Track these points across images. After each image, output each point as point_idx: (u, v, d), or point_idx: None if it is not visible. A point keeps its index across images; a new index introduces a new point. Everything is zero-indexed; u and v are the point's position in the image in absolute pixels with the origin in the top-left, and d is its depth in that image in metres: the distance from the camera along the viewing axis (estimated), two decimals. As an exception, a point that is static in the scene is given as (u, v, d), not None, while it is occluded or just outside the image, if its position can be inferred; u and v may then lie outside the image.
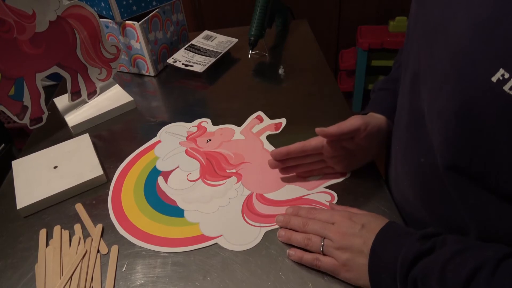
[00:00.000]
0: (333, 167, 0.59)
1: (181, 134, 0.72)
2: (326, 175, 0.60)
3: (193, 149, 0.68)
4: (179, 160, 0.66)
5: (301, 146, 0.56)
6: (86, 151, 0.69)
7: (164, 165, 0.66)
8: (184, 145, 0.69)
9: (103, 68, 0.81)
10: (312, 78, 0.68)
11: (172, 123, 0.75)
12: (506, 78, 0.29)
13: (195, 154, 0.67)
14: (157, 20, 0.89)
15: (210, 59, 0.91)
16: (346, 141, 0.56)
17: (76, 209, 0.60)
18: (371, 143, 0.57)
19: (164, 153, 0.68)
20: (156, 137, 0.72)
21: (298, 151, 0.57)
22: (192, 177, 0.63)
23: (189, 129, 0.73)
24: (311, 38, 1.01)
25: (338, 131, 0.53)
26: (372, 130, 0.56)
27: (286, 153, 0.57)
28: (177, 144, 0.70)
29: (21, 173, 0.65)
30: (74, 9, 0.71)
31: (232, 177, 0.62)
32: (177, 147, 0.69)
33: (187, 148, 0.68)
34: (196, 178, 0.62)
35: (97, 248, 0.54)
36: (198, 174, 0.63)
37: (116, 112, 0.81)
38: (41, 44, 0.69)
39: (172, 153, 0.68)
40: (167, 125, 0.75)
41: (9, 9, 0.63)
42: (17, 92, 0.69)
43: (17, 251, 0.55)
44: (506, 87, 0.30)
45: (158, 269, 0.51)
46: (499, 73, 0.30)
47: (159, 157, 0.67)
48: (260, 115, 0.74)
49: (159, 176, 0.64)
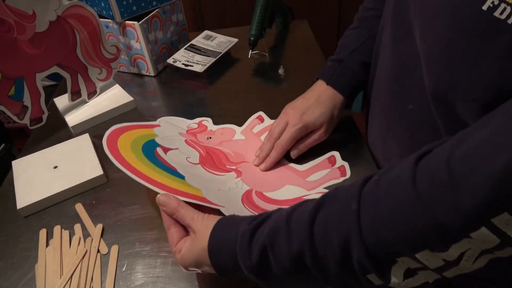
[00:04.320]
0: None
1: (181, 126, 0.71)
2: (326, 175, 0.60)
3: (193, 141, 0.67)
4: (179, 145, 0.64)
5: (281, 152, 0.62)
6: (86, 151, 0.69)
7: (163, 142, 0.62)
8: (184, 136, 0.68)
9: (103, 68, 0.81)
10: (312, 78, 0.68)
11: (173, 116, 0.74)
12: (496, 4, 0.32)
13: (195, 145, 0.66)
14: (157, 20, 0.89)
15: (210, 59, 0.91)
16: None
17: (76, 209, 0.60)
18: None
19: (163, 135, 0.65)
20: (156, 121, 0.69)
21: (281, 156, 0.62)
22: (192, 160, 0.61)
23: (190, 124, 0.72)
24: (311, 38, 1.01)
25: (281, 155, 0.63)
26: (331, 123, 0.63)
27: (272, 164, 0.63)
28: (177, 133, 0.68)
29: (21, 173, 0.65)
30: (74, 9, 0.71)
31: (231, 172, 0.61)
32: (176, 135, 0.67)
33: (187, 139, 0.67)
34: (195, 163, 0.61)
35: (97, 248, 0.54)
36: (198, 161, 0.62)
37: (116, 112, 0.81)
38: (41, 44, 0.69)
39: (171, 137, 0.66)
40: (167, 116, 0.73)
41: (9, 9, 0.63)
42: (17, 92, 0.69)
43: (17, 251, 0.55)
44: (496, 13, 0.32)
45: (158, 269, 0.51)
46: (489, 1, 0.32)
47: (158, 135, 0.64)
48: (261, 115, 0.74)
49: (158, 147, 0.60)
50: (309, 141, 0.63)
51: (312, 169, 0.62)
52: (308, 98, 0.64)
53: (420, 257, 0.31)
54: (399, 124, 0.52)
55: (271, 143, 0.62)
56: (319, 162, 0.63)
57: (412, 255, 0.31)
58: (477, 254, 0.30)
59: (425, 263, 0.32)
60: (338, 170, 0.61)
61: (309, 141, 0.63)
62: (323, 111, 0.62)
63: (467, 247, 0.29)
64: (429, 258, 0.31)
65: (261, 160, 0.63)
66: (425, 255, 0.31)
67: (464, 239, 0.29)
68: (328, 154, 0.64)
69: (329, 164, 0.62)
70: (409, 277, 0.33)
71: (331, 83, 0.64)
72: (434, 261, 0.31)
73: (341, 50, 0.68)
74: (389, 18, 0.51)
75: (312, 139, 0.63)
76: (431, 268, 0.32)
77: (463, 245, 0.29)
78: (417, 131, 0.48)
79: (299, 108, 0.63)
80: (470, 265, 0.31)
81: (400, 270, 0.33)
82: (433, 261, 0.31)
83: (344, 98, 0.64)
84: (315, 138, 0.63)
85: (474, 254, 0.30)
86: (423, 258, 0.31)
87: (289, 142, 0.62)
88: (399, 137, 0.53)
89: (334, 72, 0.65)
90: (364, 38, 0.66)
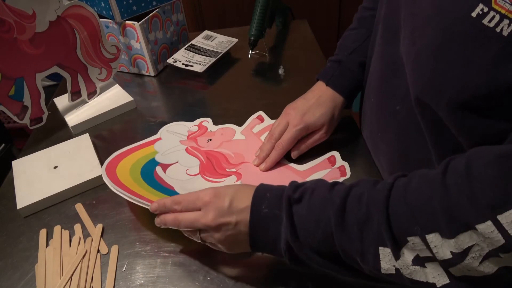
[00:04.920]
0: None
1: (182, 133, 0.72)
2: (326, 175, 0.60)
3: (193, 148, 0.68)
4: (179, 156, 0.66)
5: (282, 153, 0.62)
6: (86, 151, 0.69)
7: (163, 159, 0.65)
8: (185, 143, 0.69)
9: (103, 68, 0.81)
10: (312, 78, 0.68)
11: (173, 122, 0.75)
12: (485, 12, 0.33)
13: (196, 153, 0.67)
14: (157, 20, 0.89)
15: (210, 59, 0.91)
16: None
17: (76, 209, 0.60)
18: None
19: (164, 149, 0.67)
20: (156, 134, 0.71)
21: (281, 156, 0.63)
22: (192, 172, 0.62)
23: (190, 128, 0.73)
24: (311, 38, 1.01)
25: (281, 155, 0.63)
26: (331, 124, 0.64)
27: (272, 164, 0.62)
28: (178, 142, 0.69)
29: (21, 173, 0.65)
30: (74, 9, 0.71)
31: (231, 176, 0.62)
32: (177, 145, 0.69)
33: (188, 147, 0.68)
34: (195, 173, 0.62)
35: (97, 248, 0.54)
36: (198, 170, 0.63)
37: (116, 112, 0.81)
38: (41, 44, 0.69)
39: (172, 149, 0.67)
40: (168, 124, 0.74)
41: (9, 9, 0.63)
42: (17, 92, 0.69)
43: (17, 251, 0.55)
44: (485, 21, 0.33)
45: (158, 269, 0.51)
46: (478, 8, 0.33)
47: (159, 152, 0.66)
48: (261, 115, 0.74)
49: (157, 166, 0.62)
50: (310, 142, 0.63)
51: (312, 169, 0.62)
52: (308, 99, 0.64)
53: (430, 240, 0.33)
54: (388, 125, 0.52)
55: (271, 143, 0.62)
56: (319, 162, 0.63)
57: (423, 236, 0.33)
58: (484, 254, 0.31)
59: (433, 251, 0.33)
60: (338, 170, 0.61)
61: (310, 142, 0.63)
62: (323, 112, 0.62)
63: (473, 241, 0.31)
64: (438, 245, 0.33)
65: (261, 160, 0.63)
66: (435, 240, 0.33)
67: (471, 230, 0.31)
68: (328, 154, 0.64)
69: (329, 164, 0.62)
70: (417, 265, 0.35)
71: (331, 84, 0.65)
72: (442, 250, 0.33)
73: (340, 51, 0.68)
74: (381, 19, 0.52)
75: (313, 140, 0.63)
76: (438, 259, 0.33)
77: (470, 237, 0.31)
78: (403, 132, 0.49)
79: (300, 109, 0.63)
80: (477, 264, 0.31)
81: (410, 254, 0.35)
82: (441, 250, 0.33)
83: (344, 99, 0.64)
84: (315, 139, 0.63)
85: (481, 253, 0.31)
86: (432, 243, 0.33)
87: (290, 142, 0.62)
88: (387, 138, 0.54)
89: (333, 73, 0.65)
90: (363, 39, 0.66)
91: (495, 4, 0.32)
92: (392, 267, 0.36)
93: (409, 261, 0.35)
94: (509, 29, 0.32)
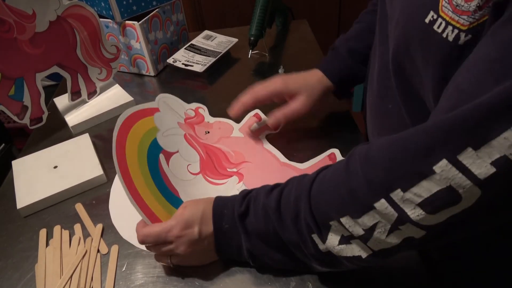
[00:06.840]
0: None
1: (179, 112, 0.70)
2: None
3: (192, 137, 0.67)
4: (179, 144, 0.65)
5: (253, 97, 0.65)
6: (86, 151, 0.69)
7: (164, 142, 0.62)
8: (183, 128, 0.68)
9: (103, 68, 0.81)
10: (312, 78, 0.69)
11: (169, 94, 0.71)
12: (435, 18, 0.35)
13: (195, 144, 0.66)
14: (157, 20, 0.89)
15: (210, 59, 0.91)
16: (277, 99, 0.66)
17: (76, 209, 0.60)
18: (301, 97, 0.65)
19: (164, 128, 0.64)
20: (154, 102, 0.66)
21: (252, 102, 0.65)
22: (193, 169, 0.62)
23: (187, 110, 0.71)
24: (311, 38, 1.01)
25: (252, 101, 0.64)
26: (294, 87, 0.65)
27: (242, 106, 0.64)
28: (176, 124, 0.68)
29: (21, 173, 0.65)
30: (74, 9, 0.71)
31: (233, 177, 0.62)
32: (176, 127, 0.67)
33: (186, 133, 0.67)
34: (197, 172, 0.62)
35: (97, 248, 0.54)
36: (199, 168, 0.63)
37: (116, 112, 0.81)
38: (41, 44, 0.69)
39: (171, 131, 0.66)
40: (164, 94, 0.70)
41: (9, 9, 0.63)
42: (17, 92, 0.69)
43: (17, 251, 0.55)
44: (435, 27, 0.35)
45: (158, 269, 0.51)
46: (430, 15, 0.36)
47: (160, 129, 0.64)
48: (258, 113, 0.74)
49: (160, 154, 0.61)
50: (287, 110, 0.64)
51: (313, 166, 0.62)
52: (297, 74, 0.67)
53: (344, 222, 0.37)
54: (383, 124, 0.53)
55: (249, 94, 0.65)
56: (319, 159, 0.63)
57: (338, 219, 0.38)
58: (388, 229, 0.35)
59: (350, 231, 0.37)
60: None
61: (287, 110, 0.64)
62: (306, 83, 0.65)
63: (376, 219, 0.35)
64: (351, 225, 0.37)
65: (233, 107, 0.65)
66: (348, 222, 0.37)
67: (372, 210, 0.35)
68: (329, 151, 0.64)
69: (329, 162, 0.62)
70: (344, 244, 0.39)
71: (319, 66, 0.68)
72: (356, 228, 0.37)
73: (339, 41, 0.71)
74: (377, 21, 0.54)
75: (290, 109, 0.64)
76: (356, 236, 0.37)
77: (373, 216, 0.35)
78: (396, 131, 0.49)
79: (286, 76, 0.66)
80: (384, 238, 0.36)
81: (336, 236, 0.39)
82: (355, 228, 0.37)
83: (331, 84, 0.66)
84: (292, 107, 0.64)
85: (386, 228, 0.35)
86: (346, 224, 0.37)
87: (265, 89, 0.64)
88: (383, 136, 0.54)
89: (326, 58, 0.69)
90: (360, 30, 0.68)
91: (441, 12, 0.35)
92: (325, 248, 0.40)
93: (336, 241, 0.39)
94: (453, 35, 0.34)
